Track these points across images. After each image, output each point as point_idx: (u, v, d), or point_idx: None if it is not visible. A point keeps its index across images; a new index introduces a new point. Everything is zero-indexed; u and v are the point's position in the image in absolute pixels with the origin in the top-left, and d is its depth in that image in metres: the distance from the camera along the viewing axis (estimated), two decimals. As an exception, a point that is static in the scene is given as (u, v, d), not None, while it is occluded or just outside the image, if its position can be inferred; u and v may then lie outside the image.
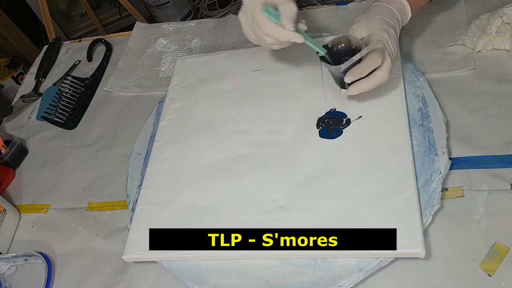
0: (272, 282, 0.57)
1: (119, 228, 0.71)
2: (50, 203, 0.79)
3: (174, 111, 0.79)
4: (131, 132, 0.83)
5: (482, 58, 0.71)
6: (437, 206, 0.57)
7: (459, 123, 0.65)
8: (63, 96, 0.94)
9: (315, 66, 0.73)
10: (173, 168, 0.71)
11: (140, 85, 0.92)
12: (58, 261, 0.71)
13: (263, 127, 0.71)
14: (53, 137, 0.90)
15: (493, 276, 0.52)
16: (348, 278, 0.54)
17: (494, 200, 0.57)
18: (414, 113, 0.66)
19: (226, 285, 0.58)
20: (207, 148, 0.72)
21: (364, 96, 0.68)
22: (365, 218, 0.57)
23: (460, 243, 0.55)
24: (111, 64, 0.99)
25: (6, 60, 2.00)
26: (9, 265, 0.72)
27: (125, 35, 1.04)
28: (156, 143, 0.75)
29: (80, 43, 1.08)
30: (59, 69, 1.03)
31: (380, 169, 0.60)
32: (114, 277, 0.66)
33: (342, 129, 0.66)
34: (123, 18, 2.15)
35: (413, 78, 0.69)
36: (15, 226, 0.78)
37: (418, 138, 0.63)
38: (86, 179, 0.80)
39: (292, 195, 0.62)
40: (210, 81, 0.80)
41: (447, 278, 0.53)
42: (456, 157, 0.62)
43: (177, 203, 0.67)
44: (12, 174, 0.86)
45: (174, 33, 0.99)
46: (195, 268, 0.61)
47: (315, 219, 0.59)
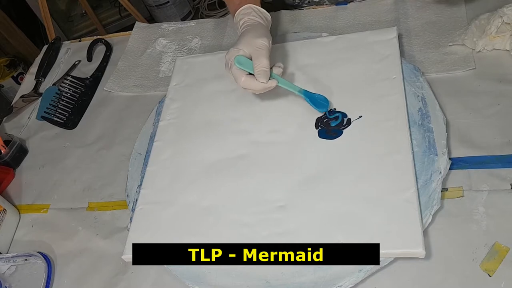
0: (272, 282, 0.57)
1: (119, 228, 0.71)
2: (50, 203, 0.79)
3: (174, 111, 0.79)
4: (131, 132, 0.83)
5: (482, 58, 0.71)
6: (437, 206, 0.57)
7: (459, 123, 0.65)
8: (63, 96, 0.94)
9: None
10: (173, 168, 0.71)
11: (140, 85, 0.92)
12: (58, 261, 0.71)
13: (263, 127, 0.71)
14: (53, 137, 0.90)
15: (493, 276, 0.52)
16: (348, 278, 0.54)
17: (494, 200, 0.57)
18: (414, 113, 0.66)
19: (226, 285, 0.58)
20: (207, 148, 0.72)
21: (364, 96, 0.68)
22: (365, 218, 0.57)
23: (460, 243, 0.55)
24: (111, 64, 0.99)
25: (6, 60, 2.00)
26: (9, 265, 0.72)
27: (125, 35, 1.04)
28: (156, 143, 0.75)
29: (80, 43, 1.08)
30: (59, 69, 1.03)
31: (380, 169, 0.60)
32: (114, 277, 0.66)
33: (342, 129, 0.66)
34: (123, 18, 2.15)
35: (413, 78, 0.69)
36: (15, 226, 0.77)
37: (418, 138, 0.63)
38: (86, 179, 0.80)
39: (292, 195, 0.62)
40: (210, 81, 0.80)
41: (447, 278, 0.53)
42: (456, 157, 0.62)
43: (177, 203, 0.67)
44: (12, 174, 0.86)
45: (174, 33, 0.99)
46: (195, 268, 0.61)
47: (314, 219, 0.59)
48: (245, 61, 0.67)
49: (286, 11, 0.92)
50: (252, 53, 0.68)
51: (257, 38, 0.68)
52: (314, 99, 0.68)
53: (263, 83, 0.66)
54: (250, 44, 0.68)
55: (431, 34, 0.77)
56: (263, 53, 0.67)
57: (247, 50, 0.68)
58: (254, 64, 0.66)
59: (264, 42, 0.68)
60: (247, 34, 0.70)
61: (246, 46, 0.68)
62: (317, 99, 0.68)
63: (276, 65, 0.70)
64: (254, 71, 0.66)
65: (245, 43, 0.69)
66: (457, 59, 0.72)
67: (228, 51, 0.70)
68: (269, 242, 0.58)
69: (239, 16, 0.75)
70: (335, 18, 0.87)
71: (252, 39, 0.68)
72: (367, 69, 0.71)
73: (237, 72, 0.67)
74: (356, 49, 0.75)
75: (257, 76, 0.66)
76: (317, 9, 0.91)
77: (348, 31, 0.83)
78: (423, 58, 0.74)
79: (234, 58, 0.67)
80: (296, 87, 0.70)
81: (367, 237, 0.55)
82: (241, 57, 0.67)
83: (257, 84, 0.66)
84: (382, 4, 0.85)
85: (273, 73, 0.68)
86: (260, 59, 0.66)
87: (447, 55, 0.73)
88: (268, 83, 0.66)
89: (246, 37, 0.70)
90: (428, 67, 0.73)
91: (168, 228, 0.65)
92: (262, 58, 0.66)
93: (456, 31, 0.75)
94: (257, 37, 0.68)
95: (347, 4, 0.88)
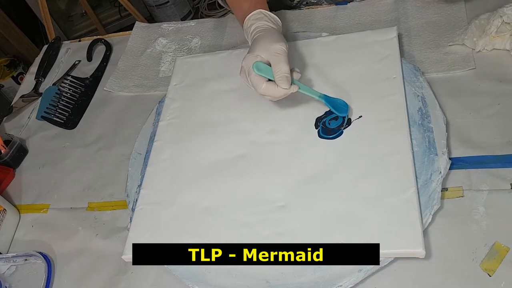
0: (272, 282, 0.57)
1: (119, 228, 0.71)
2: (50, 203, 0.79)
3: (174, 111, 0.79)
4: (131, 132, 0.83)
5: (482, 58, 0.71)
6: (437, 206, 0.57)
7: (459, 123, 0.65)
8: (63, 96, 0.94)
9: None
10: (173, 168, 0.71)
11: (140, 85, 0.92)
12: (58, 261, 0.71)
13: (263, 127, 0.71)
14: (53, 137, 0.90)
15: (493, 276, 0.52)
16: (348, 278, 0.54)
17: (494, 200, 0.57)
18: (414, 113, 0.65)
19: (226, 285, 0.58)
20: (207, 148, 0.72)
21: (364, 96, 0.68)
22: (365, 218, 0.57)
23: (460, 243, 0.55)
24: (111, 64, 0.99)
25: (6, 60, 2.00)
26: (9, 265, 0.72)
27: (125, 35, 1.04)
28: (156, 143, 0.75)
29: (80, 43, 1.08)
30: (59, 69, 1.03)
31: (380, 169, 0.60)
32: (114, 277, 0.66)
33: (342, 129, 0.66)
34: (123, 18, 2.15)
35: (413, 78, 0.69)
36: (15, 226, 0.77)
37: (418, 138, 0.63)
38: (86, 179, 0.80)
39: (292, 195, 0.62)
40: (210, 81, 0.80)
41: (447, 278, 0.53)
42: (456, 157, 0.62)
43: (177, 203, 0.67)
44: (12, 174, 0.86)
45: (174, 33, 0.99)
46: (194, 268, 0.61)
47: (314, 219, 0.59)
48: (265, 68, 0.65)
49: (286, 11, 0.92)
50: (270, 59, 0.66)
51: (274, 43, 0.66)
52: (335, 103, 0.67)
53: (285, 89, 0.64)
54: (267, 49, 0.66)
55: (431, 34, 0.77)
56: (282, 59, 0.65)
57: (264, 56, 0.66)
58: (274, 70, 0.64)
59: (282, 47, 0.66)
60: (262, 39, 0.68)
61: (263, 52, 0.66)
62: (337, 104, 0.67)
63: (294, 70, 0.67)
64: (275, 77, 0.64)
65: (261, 49, 0.66)
66: (457, 59, 0.72)
67: (245, 57, 0.68)
68: (269, 242, 0.58)
69: (249, 21, 0.73)
70: (335, 18, 0.87)
71: (268, 44, 0.66)
72: (367, 69, 0.71)
73: (256, 79, 0.65)
74: (356, 49, 0.75)
75: (278, 83, 0.64)
76: (317, 9, 0.91)
77: (348, 31, 0.83)
78: (423, 58, 0.74)
79: (253, 65, 0.65)
80: (317, 92, 0.68)
81: (367, 237, 0.55)
82: (260, 63, 0.65)
83: (278, 90, 0.64)
84: (382, 4, 0.85)
85: (293, 78, 0.66)
86: (280, 64, 0.64)
87: (447, 55, 0.73)
88: (289, 89, 0.64)
89: (261, 42, 0.68)
90: (428, 67, 0.73)
91: (168, 228, 0.65)
92: (282, 63, 0.64)
93: (456, 31, 0.75)
94: (273, 42, 0.66)
95: (347, 4, 0.88)
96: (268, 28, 0.71)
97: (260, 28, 0.71)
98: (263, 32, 0.70)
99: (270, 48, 0.66)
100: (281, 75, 0.64)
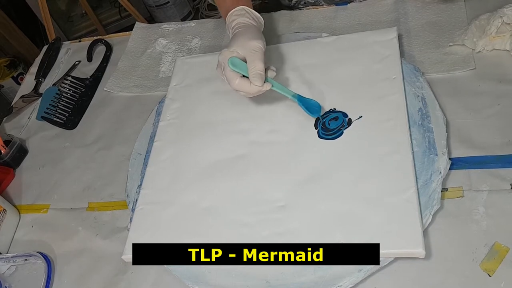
0: (272, 282, 0.57)
1: (119, 228, 0.71)
2: (50, 203, 0.79)
3: (174, 111, 0.79)
4: (131, 132, 0.83)
5: (482, 58, 0.71)
6: (437, 206, 0.57)
7: (459, 123, 0.65)
8: (63, 96, 0.94)
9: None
10: (173, 168, 0.71)
11: (140, 85, 0.92)
12: (58, 261, 0.71)
13: (263, 127, 0.71)
14: (53, 137, 0.90)
15: (493, 276, 0.52)
16: (348, 278, 0.54)
17: (494, 200, 0.57)
18: (414, 113, 0.66)
19: (226, 285, 0.58)
20: (207, 148, 0.72)
21: (364, 96, 0.68)
22: (364, 218, 0.57)
23: (460, 243, 0.55)
24: (111, 64, 0.99)
25: (6, 60, 2.00)
26: (9, 265, 0.72)
27: (125, 35, 1.04)
28: (156, 143, 0.75)
29: (80, 43, 1.08)
30: (59, 69, 1.03)
31: (380, 169, 0.60)
32: (114, 277, 0.66)
33: (343, 130, 0.66)
34: (123, 18, 2.15)
35: (413, 78, 0.69)
36: (15, 226, 0.77)
37: (418, 138, 0.63)
38: (86, 179, 0.80)
39: (292, 195, 0.62)
40: (210, 81, 0.80)
41: (447, 278, 0.53)
42: (456, 157, 0.62)
43: (177, 203, 0.67)
44: (12, 174, 0.86)
45: (174, 33, 0.99)
46: (194, 268, 0.61)
47: (314, 219, 0.59)
48: (239, 63, 0.66)
49: (285, 11, 0.92)
50: (246, 56, 0.66)
51: (252, 40, 0.67)
52: (307, 103, 0.68)
53: (257, 86, 0.65)
54: (244, 46, 0.67)
55: (431, 34, 0.77)
56: (258, 56, 0.65)
57: (241, 52, 0.67)
58: (249, 67, 0.65)
59: (259, 44, 0.67)
60: (241, 35, 0.69)
61: (240, 48, 0.67)
62: (310, 104, 0.68)
63: (270, 68, 0.69)
64: (249, 74, 0.65)
65: (239, 44, 0.67)
66: (457, 59, 0.72)
67: (221, 52, 0.68)
68: (269, 242, 0.58)
69: (231, 17, 0.74)
70: (335, 18, 0.87)
71: (246, 41, 0.67)
72: (367, 69, 0.71)
73: (230, 74, 0.66)
74: (356, 49, 0.75)
75: (252, 80, 0.65)
76: (317, 9, 0.91)
77: (348, 31, 0.83)
78: (423, 58, 0.74)
79: (228, 60, 0.66)
80: (290, 91, 0.69)
81: (367, 237, 0.55)
82: (235, 59, 0.66)
83: (251, 87, 0.65)
84: (382, 4, 0.85)
85: (267, 76, 0.67)
86: (255, 62, 0.65)
87: (447, 55, 0.73)
88: (263, 87, 0.65)
89: (239, 38, 0.68)
90: (428, 67, 0.73)
91: (168, 228, 0.65)
92: (257, 61, 0.65)
93: (456, 31, 0.75)
94: (251, 39, 0.67)
95: (347, 4, 0.88)
96: (249, 25, 0.72)
97: (240, 24, 0.72)
98: (243, 29, 0.71)
99: (247, 44, 0.67)
100: (255, 72, 0.65)
